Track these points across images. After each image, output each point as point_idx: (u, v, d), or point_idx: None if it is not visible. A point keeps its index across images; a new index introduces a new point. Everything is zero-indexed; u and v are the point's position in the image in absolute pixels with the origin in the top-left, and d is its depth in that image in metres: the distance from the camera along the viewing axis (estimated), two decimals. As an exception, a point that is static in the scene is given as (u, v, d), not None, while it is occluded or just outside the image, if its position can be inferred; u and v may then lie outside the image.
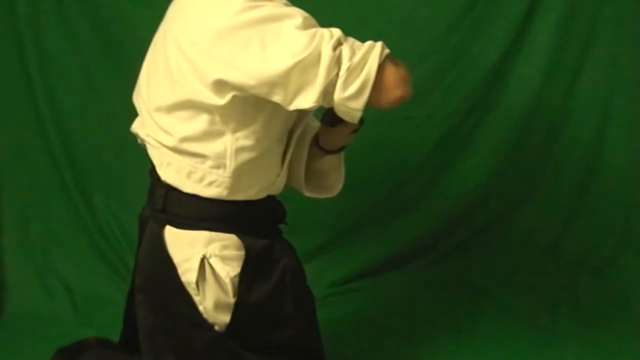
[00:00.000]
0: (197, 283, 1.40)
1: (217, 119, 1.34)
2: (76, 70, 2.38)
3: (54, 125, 2.39)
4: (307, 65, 1.24)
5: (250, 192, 1.43)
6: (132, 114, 1.64)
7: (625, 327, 2.14)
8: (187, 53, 1.31)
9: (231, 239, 1.41)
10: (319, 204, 2.43)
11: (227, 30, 1.27)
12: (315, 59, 1.24)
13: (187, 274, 1.40)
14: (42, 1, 2.32)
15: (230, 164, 1.37)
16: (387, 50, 1.29)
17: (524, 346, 2.05)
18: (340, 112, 1.31)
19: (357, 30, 2.35)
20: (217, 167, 1.37)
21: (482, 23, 2.39)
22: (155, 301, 1.45)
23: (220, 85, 1.29)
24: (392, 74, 1.29)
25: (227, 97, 1.30)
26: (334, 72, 1.25)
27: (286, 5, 1.33)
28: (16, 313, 2.24)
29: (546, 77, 2.45)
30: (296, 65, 1.24)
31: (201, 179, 1.39)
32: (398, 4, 2.38)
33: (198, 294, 1.40)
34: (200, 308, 1.41)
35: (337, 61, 1.25)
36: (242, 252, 1.42)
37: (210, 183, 1.39)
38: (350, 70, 1.25)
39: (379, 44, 1.29)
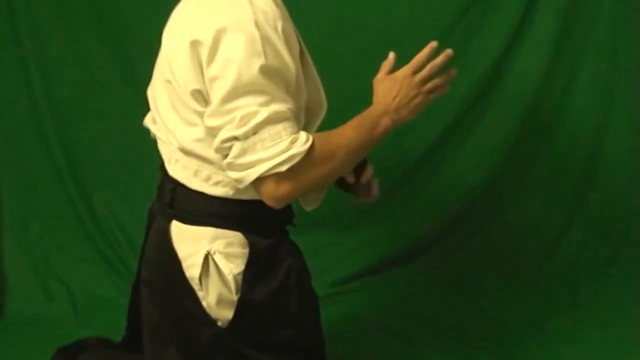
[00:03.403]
0: (200, 278, 1.39)
1: None
2: (76, 70, 2.39)
3: (54, 125, 2.40)
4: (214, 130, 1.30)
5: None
6: (133, 114, 1.64)
7: (625, 326, 2.13)
8: (177, 58, 1.33)
9: (236, 236, 1.41)
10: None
11: None
12: (217, 131, 1.29)
13: (191, 269, 1.40)
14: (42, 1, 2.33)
15: None
16: (283, 168, 1.26)
17: (524, 346, 2.05)
18: None
19: (356, 31, 2.39)
20: (222, 168, 1.38)
21: (480, 23, 2.39)
22: (159, 295, 1.45)
23: (200, 94, 1.31)
24: (269, 190, 1.30)
25: (208, 106, 1.32)
26: (223, 153, 1.30)
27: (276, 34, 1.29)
28: (16, 313, 2.25)
29: (544, 77, 2.46)
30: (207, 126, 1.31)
31: (207, 178, 1.39)
32: (396, 5, 2.39)
33: (201, 289, 1.40)
34: (204, 303, 1.41)
35: (226, 149, 1.28)
36: (246, 250, 1.41)
37: (217, 183, 1.39)
38: (230, 165, 1.29)
39: (283, 156, 1.26)
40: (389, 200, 2.51)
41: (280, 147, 1.26)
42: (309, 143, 1.29)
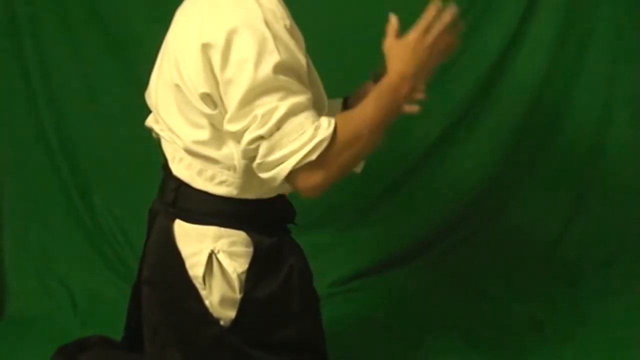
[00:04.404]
0: (204, 277, 1.39)
1: (219, 124, 1.34)
2: (76, 71, 2.39)
3: (54, 125, 2.40)
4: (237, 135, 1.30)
5: (261, 191, 1.43)
6: (132, 114, 1.64)
7: (625, 326, 2.14)
8: (186, 61, 1.33)
9: (240, 235, 1.41)
10: (317, 203, 2.44)
11: None
12: (241, 135, 1.28)
13: (195, 268, 1.40)
14: (43, 3, 2.33)
15: (240, 166, 1.37)
16: (313, 157, 1.26)
17: (524, 346, 2.05)
18: None
19: (357, 30, 2.39)
20: (228, 168, 1.38)
21: (481, 22, 2.39)
22: (161, 294, 1.45)
23: (209, 97, 1.31)
24: (303, 181, 1.29)
25: (217, 109, 1.32)
26: (251, 156, 1.29)
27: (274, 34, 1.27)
28: (16, 313, 2.25)
29: (545, 77, 2.46)
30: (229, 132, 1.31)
31: (212, 178, 1.39)
32: (396, 6, 2.38)
33: (204, 289, 1.40)
34: (206, 302, 1.41)
35: (253, 150, 1.28)
36: (250, 249, 1.41)
37: (221, 182, 1.39)
38: (261, 165, 1.29)
39: (311, 145, 1.25)
40: (389, 200, 2.51)
41: (305, 137, 1.26)
42: (332, 126, 1.28)
